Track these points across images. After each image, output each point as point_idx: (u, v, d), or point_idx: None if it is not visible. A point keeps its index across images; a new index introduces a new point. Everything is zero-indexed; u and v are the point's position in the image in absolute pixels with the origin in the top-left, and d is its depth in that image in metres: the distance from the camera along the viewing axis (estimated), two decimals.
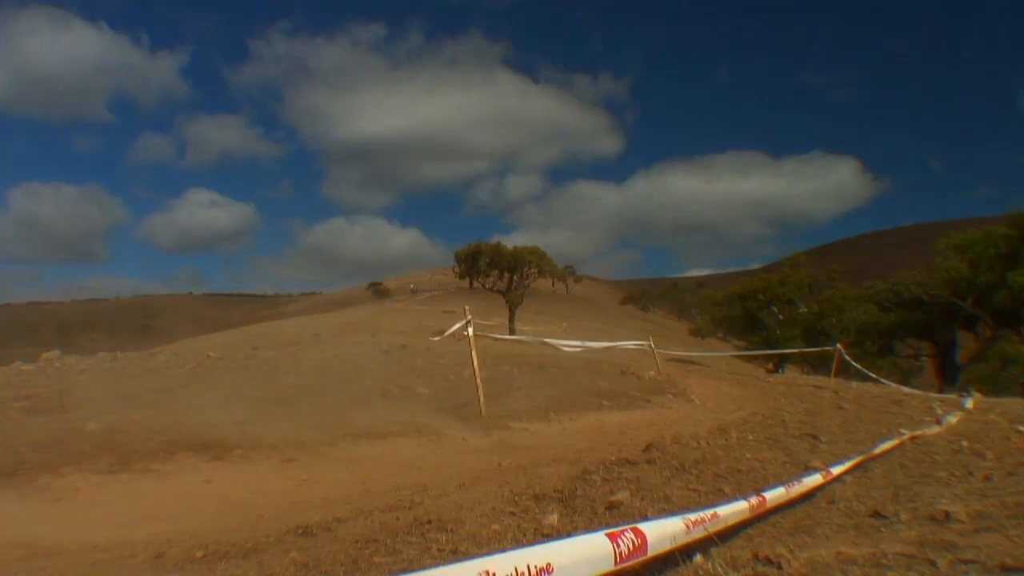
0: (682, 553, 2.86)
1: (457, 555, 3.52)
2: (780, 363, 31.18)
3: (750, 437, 7.01)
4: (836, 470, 4.85)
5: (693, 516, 2.88)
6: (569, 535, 3.79)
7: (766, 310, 31.76)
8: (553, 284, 64.46)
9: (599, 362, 15.59)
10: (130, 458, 6.88)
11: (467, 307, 10.49)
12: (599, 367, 14.46)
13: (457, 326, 10.18)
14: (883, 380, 17.91)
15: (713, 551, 3.09)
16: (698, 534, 2.88)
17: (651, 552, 2.47)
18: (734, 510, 3.29)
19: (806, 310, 31.48)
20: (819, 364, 27.68)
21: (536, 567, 1.89)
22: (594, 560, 2.17)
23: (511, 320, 34.87)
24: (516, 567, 1.85)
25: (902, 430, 7.13)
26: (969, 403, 10.38)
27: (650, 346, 14.81)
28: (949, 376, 27.41)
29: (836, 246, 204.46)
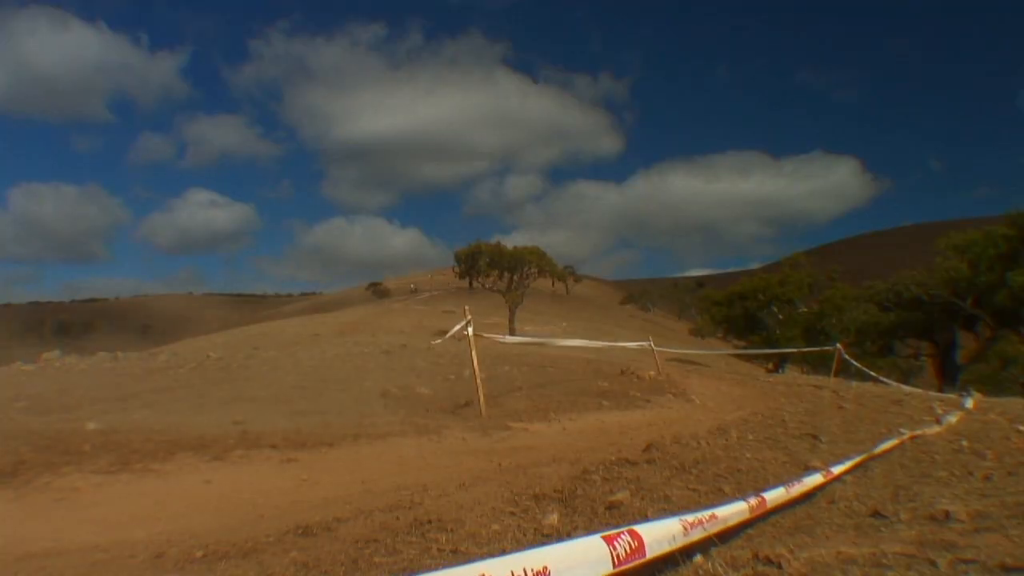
0: (682, 553, 2.86)
1: (457, 555, 3.52)
2: (780, 363, 31.19)
3: (750, 437, 7.01)
4: (836, 470, 4.85)
5: (691, 517, 2.88)
6: (569, 535, 3.80)
7: (766, 310, 31.78)
8: (553, 284, 64.45)
9: (599, 362, 15.60)
10: (130, 458, 6.87)
11: (467, 307, 10.49)
12: (599, 367, 14.46)
13: (457, 327, 10.18)
14: (883, 379, 17.88)
15: (713, 551, 3.10)
16: (696, 535, 2.88)
17: (649, 554, 2.47)
18: (733, 511, 3.29)
19: (806, 310, 31.51)
20: (819, 364, 27.68)
21: (532, 570, 1.89)
22: (591, 563, 2.17)
23: (511, 320, 34.87)
24: (512, 571, 1.85)
25: (902, 430, 7.13)
26: (969, 403, 10.37)
27: (650, 346, 14.80)
28: (949, 376, 27.43)
29: (836, 246, 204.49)
